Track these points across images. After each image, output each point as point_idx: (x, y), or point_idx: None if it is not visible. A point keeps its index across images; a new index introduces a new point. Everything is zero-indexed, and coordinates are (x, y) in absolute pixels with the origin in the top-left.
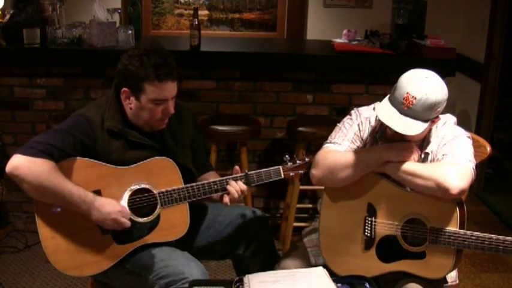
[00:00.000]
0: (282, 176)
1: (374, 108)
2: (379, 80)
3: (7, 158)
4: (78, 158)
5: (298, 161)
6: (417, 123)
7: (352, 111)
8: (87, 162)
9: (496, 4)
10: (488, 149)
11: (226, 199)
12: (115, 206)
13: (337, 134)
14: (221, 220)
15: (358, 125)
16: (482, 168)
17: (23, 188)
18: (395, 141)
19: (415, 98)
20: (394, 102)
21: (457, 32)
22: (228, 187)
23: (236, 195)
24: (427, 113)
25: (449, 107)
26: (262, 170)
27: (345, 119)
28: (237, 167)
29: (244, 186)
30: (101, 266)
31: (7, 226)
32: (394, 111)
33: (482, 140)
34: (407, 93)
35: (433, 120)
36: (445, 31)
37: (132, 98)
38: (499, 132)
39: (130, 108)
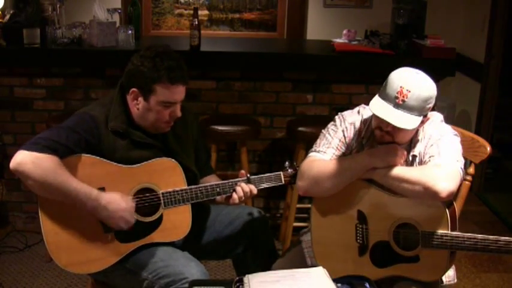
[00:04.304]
0: (283, 181)
1: (359, 112)
2: (379, 80)
3: (7, 158)
4: (84, 155)
5: (297, 168)
6: (412, 117)
7: (336, 117)
8: (93, 159)
9: (496, 4)
10: (488, 149)
11: (234, 196)
12: (120, 204)
13: (322, 141)
14: (221, 220)
15: (343, 131)
16: (482, 168)
17: (27, 185)
18: (385, 143)
19: (409, 92)
20: (387, 98)
21: (457, 32)
22: (237, 188)
23: (243, 197)
24: (420, 107)
25: (450, 107)
26: (264, 176)
27: (329, 125)
28: (243, 171)
29: (253, 187)
30: (102, 264)
31: (7, 226)
32: (388, 106)
33: (482, 140)
34: (401, 87)
35: (422, 120)
36: (445, 31)
37: (141, 99)
38: (499, 132)
39: (138, 109)
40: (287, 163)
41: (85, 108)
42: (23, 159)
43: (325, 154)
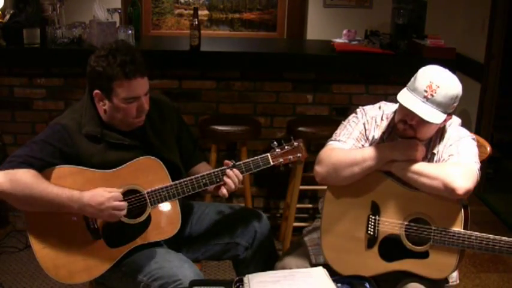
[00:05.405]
0: (271, 163)
1: (379, 107)
2: (379, 80)
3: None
4: (61, 166)
5: (286, 147)
6: (438, 113)
7: (358, 110)
8: (72, 169)
9: (496, 4)
10: (488, 149)
11: (223, 190)
12: (103, 195)
13: (342, 131)
14: (221, 220)
15: (364, 124)
16: (482, 168)
17: (12, 204)
18: (406, 137)
19: (438, 87)
20: (415, 91)
21: (457, 32)
22: (225, 178)
23: (233, 186)
24: (447, 104)
25: None
26: (250, 159)
27: (350, 117)
28: (227, 161)
29: (238, 172)
30: (96, 272)
31: (7, 226)
32: (416, 99)
33: (482, 140)
34: (430, 82)
35: (445, 119)
36: (445, 31)
37: (105, 100)
38: (499, 132)
39: (105, 110)
40: (275, 143)
41: (57, 119)
42: (0, 179)
43: (345, 144)
